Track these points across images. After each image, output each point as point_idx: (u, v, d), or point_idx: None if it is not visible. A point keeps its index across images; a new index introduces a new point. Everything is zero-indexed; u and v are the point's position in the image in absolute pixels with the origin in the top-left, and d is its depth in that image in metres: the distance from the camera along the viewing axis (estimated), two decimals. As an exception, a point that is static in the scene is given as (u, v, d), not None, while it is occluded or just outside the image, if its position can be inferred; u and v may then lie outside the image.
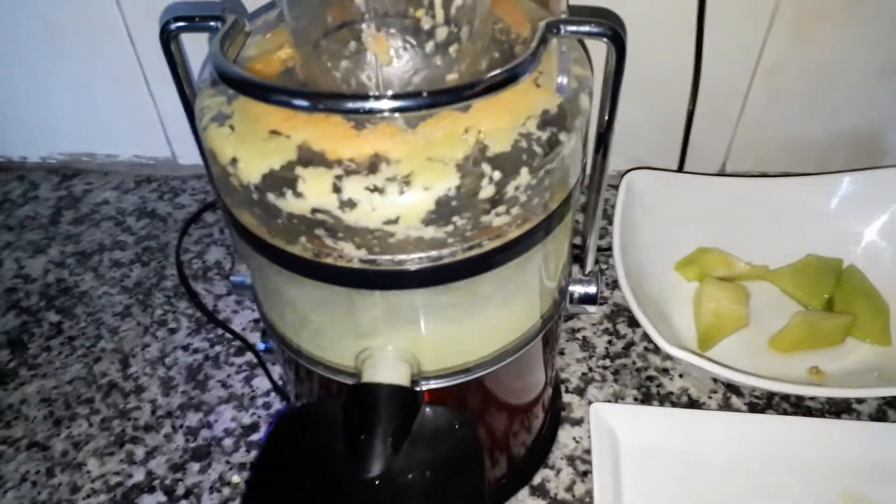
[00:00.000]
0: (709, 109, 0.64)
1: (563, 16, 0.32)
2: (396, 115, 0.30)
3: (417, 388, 0.36)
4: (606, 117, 0.35)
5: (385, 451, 0.33)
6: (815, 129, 0.66)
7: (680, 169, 0.66)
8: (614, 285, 0.62)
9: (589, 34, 0.31)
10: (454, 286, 0.33)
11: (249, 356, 0.59)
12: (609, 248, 0.58)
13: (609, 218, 0.68)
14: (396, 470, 0.33)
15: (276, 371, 0.57)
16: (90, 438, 0.54)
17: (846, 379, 0.53)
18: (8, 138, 0.76)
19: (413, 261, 0.31)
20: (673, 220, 0.61)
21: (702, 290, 0.58)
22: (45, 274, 0.67)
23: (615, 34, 0.31)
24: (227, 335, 0.61)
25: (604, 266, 0.64)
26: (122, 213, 0.73)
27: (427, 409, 0.35)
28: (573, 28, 0.31)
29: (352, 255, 0.31)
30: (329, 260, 0.31)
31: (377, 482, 0.32)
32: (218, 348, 0.60)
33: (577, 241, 0.41)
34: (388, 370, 0.35)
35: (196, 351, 0.60)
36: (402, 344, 0.35)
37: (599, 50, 0.36)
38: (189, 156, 0.75)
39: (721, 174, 0.69)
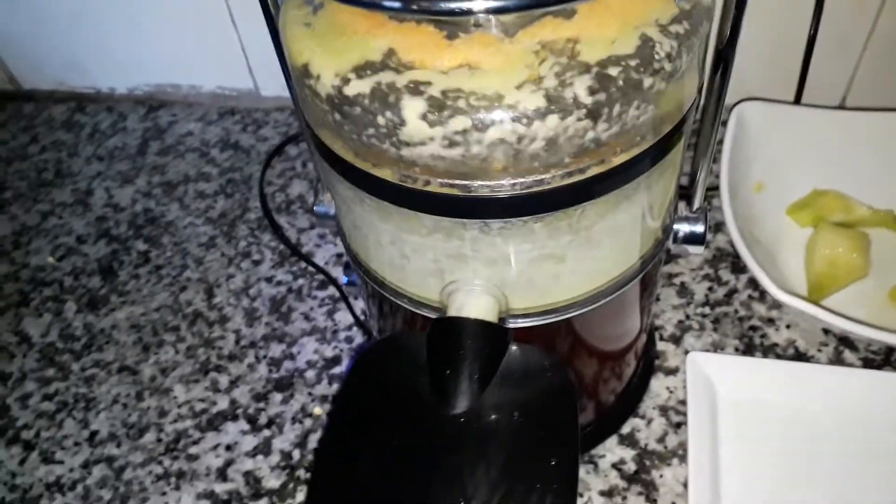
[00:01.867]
0: (831, 35, 0.57)
1: None
2: (492, 20, 0.27)
3: (505, 325, 0.34)
4: (729, 31, 0.31)
5: (471, 387, 0.31)
6: (956, 57, 0.58)
7: (797, 100, 0.60)
8: (716, 228, 0.58)
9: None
10: (549, 217, 0.30)
11: (332, 290, 0.58)
12: (714, 188, 0.53)
13: (714, 155, 0.63)
14: (482, 408, 0.31)
15: (359, 306, 0.56)
16: (177, 365, 0.55)
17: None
18: (97, 70, 0.77)
19: (506, 187, 0.28)
20: (788, 158, 0.55)
21: (816, 235, 0.53)
22: (133, 203, 0.68)
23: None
24: (311, 269, 0.60)
25: (707, 207, 0.59)
26: (206, 145, 0.73)
27: (515, 348, 0.33)
28: (698, -79, 0.27)
29: (439, 179, 0.28)
30: (416, 185, 0.29)
31: (462, 420, 0.31)
32: (301, 281, 0.59)
33: (685, 176, 0.37)
34: (474, 305, 0.32)
35: (279, 283, 0.59)
36: (490, 278, 0.33)
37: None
38: (271, 87, 0.74)
39: (842, 108, 0.62)
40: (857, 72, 0.61)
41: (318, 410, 0.51)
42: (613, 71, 0.26)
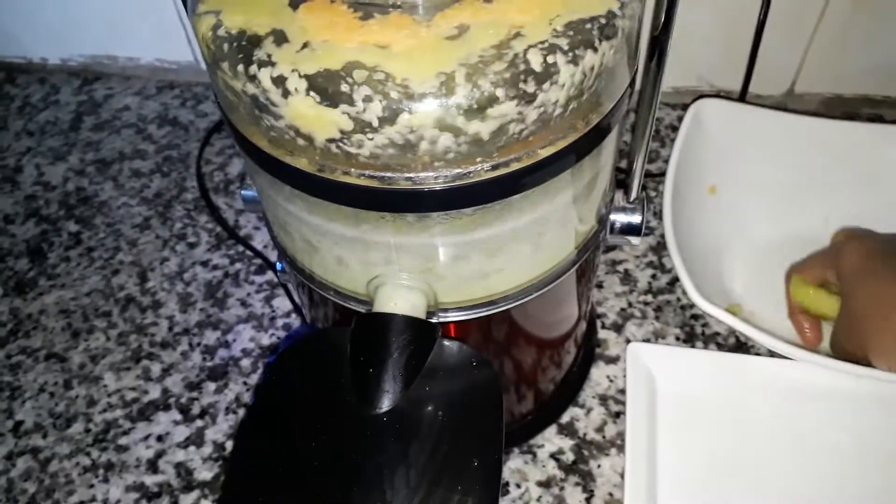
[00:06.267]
0: (782, 17, 0.56)
1: None
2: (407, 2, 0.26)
3: (433, 320, 0.33)
4: (663, 17, 0.30)
5: (394, 386, 0.30)
6: (904, 44, 0.58)
7: (745, 86, 0.59)
8: (661, 215, 0.57)
9: None
10: (476, 212, 0.29)
11: (270, 275, 0.56)
12: (662, 174, 0.52)
13: (662, 139, 0.62)
14: (406, 407, 0.30)
15: (297, 291, 0.55)
16: (107, 352, 0.53)
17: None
18: (29, 38, 0.73)
19: (427, 179, 0.27)
20: (744, 163, 0.54)
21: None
22: (65, 182, 0.65)
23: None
24: (248, 253, 0.58)
25: (653, 193, 0.58)
26: (144, 121, 0.70)
27: (444, 344, 0.31)
28: None
29: (357, 170, 0.27)
30: (333, 175, 0.27)
31: (385, 419, 0.30)
32: (238, 265, 0.57)
33: (623, 164, 0.36)
34: (400, 299, 0.31)
35: (216, 267, 0.57)
36: (417, 272, 0.31)
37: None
38: (214, 61, 0.71)
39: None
40: (807, 56, 0.60)
41: (253, 400, 0.50)
42: (533, 56, 0.25)
